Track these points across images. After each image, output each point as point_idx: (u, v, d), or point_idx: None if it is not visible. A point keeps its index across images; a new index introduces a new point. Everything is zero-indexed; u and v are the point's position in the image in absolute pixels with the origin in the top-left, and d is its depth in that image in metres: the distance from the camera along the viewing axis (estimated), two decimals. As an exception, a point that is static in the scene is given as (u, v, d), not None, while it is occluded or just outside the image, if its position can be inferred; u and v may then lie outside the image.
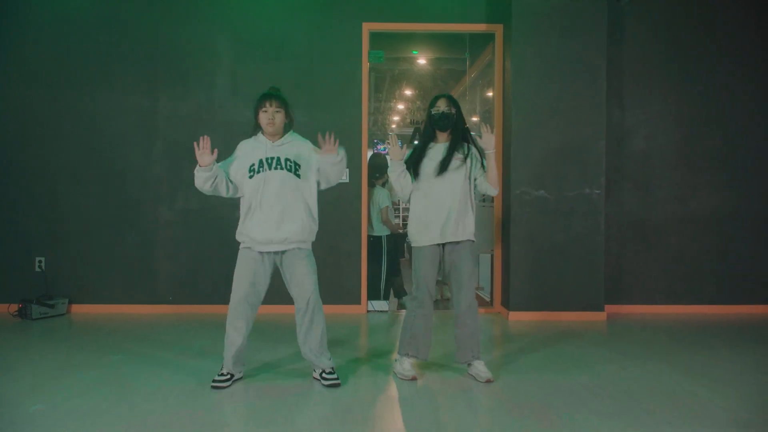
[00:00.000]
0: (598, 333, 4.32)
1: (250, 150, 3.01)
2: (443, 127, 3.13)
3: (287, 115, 3.02)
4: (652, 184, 5.12)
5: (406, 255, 6.21)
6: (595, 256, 4.76)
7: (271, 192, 2.92)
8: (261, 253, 2.96)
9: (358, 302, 5.06)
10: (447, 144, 3.14)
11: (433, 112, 3.13)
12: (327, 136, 2.96)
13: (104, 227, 5.00)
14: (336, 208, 5.00)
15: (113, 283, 5.01)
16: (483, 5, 5.05)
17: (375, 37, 5.20)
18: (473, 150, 3.17)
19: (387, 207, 5.31)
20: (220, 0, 5.02)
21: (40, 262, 4.98)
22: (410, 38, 5.34)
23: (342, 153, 2.98)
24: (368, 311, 5.11)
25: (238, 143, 3.09)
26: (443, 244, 3.13)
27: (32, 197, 4.99)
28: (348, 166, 4.99)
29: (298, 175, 2.98)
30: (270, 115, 2.96)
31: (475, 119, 6.10)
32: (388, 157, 3.40)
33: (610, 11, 4.90)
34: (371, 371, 3.33)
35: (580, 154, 4.77)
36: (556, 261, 4.76)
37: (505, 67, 5.01)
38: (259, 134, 3.04)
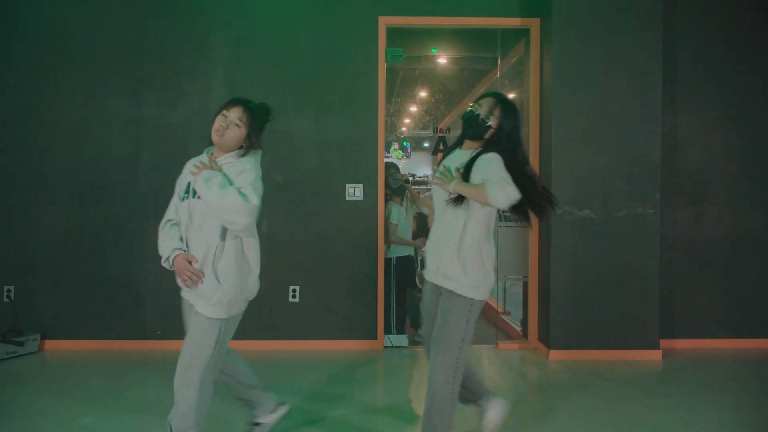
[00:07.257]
0: (655, 377, 3.70)
1: None
2: (469, 133, 2.42)
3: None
4: (707, 200, 4.49)
5: (419, 284, 5.37)
6: (648, 285, 4.14)
7: None
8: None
9: (374, 337, 4.43)
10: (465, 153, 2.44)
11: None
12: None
13: (83, 251, 4.37)
14: (349, 228, 4.38)
15: (93, 316, 4.36)
16: (516, -3, 4.42)
17: (392, 33, 4.55)
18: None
19: (393, 224, 4.63)
20: (216, -9, 4.39)
21: (8, 291, 4.35)
22: (431, 34, 4.71)
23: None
24: (385, 347, 4.47)
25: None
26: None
27: (0, 217, 4.36)
28: (362, 182, 4.41)
29: None
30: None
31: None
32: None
33: (665, 4, 4.27)
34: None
35: (631, 168, 4.14)
36: (603, 291, 4.14)
37: (542, 68, 4.38)
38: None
